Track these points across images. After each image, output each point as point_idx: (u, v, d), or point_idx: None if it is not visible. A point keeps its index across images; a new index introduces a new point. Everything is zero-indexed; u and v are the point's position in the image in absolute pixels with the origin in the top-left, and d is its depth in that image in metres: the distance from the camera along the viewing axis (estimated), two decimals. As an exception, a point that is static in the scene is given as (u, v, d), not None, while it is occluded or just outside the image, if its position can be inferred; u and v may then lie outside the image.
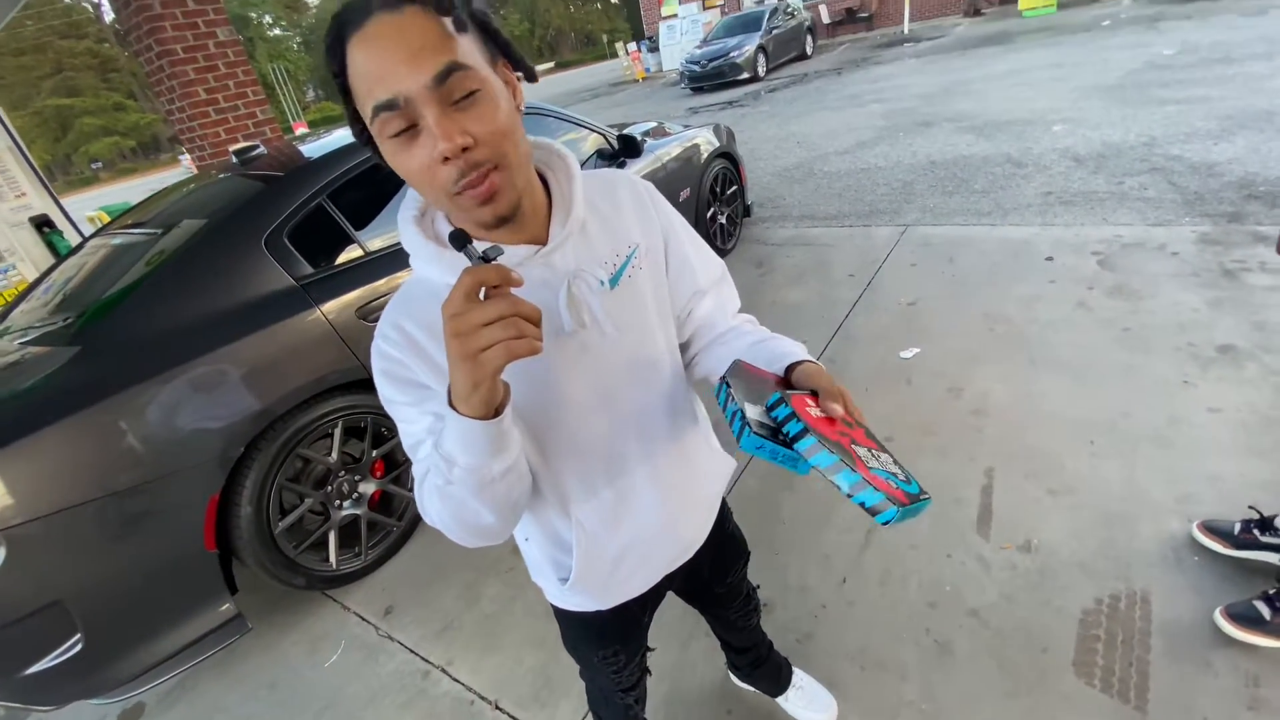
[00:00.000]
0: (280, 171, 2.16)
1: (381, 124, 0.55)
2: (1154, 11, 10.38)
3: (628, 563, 0.87)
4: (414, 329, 0.66)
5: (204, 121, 3.84)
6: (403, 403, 0.68)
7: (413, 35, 0.52)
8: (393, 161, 0.58)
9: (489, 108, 0.56)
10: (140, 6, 3.59)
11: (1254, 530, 1.56)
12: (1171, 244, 3.11)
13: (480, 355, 0.50)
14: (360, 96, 0.55)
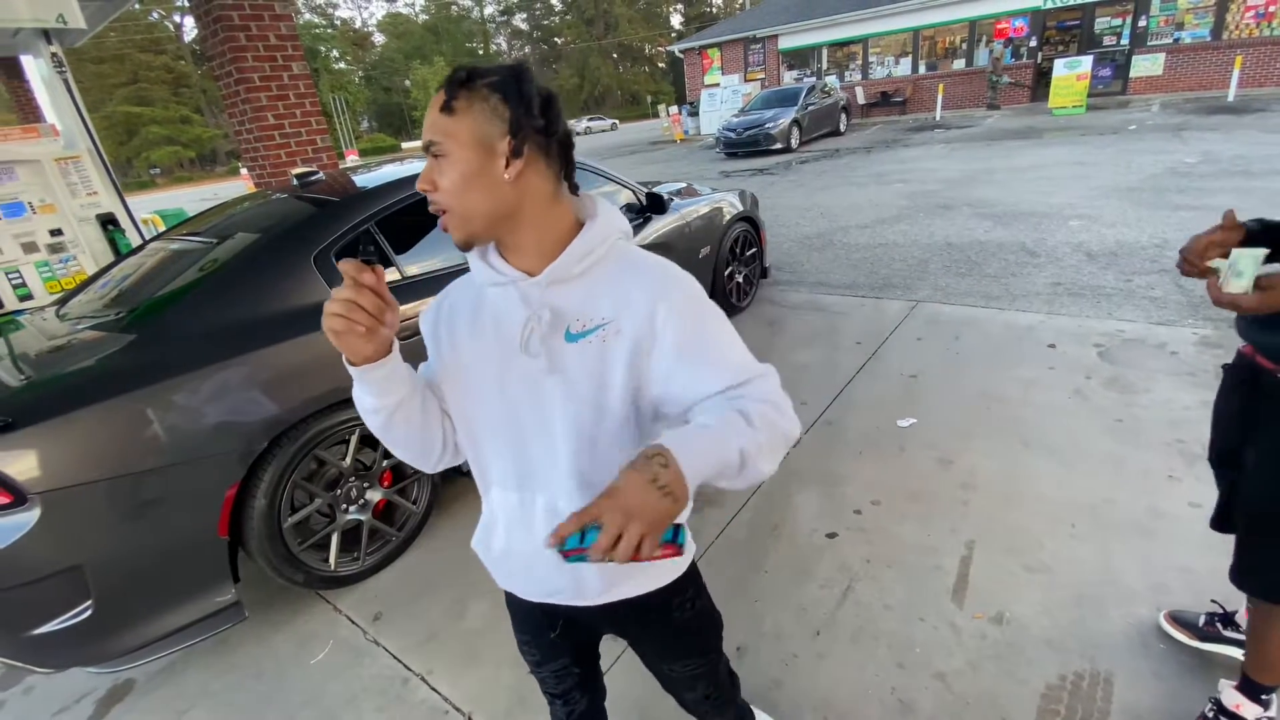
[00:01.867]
0: (336, 197, 2.37)
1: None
2: (1179, 120, 10.71)
3: (512, 562, 0.95)
4: (447, 303, 0.93)
5: (268, 144, 4.15)
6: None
7: (428, 113, 0.78)
8: None
9: (446, 169, 0.77)
10: (227, 35, 3.95)
11: (1217, 624, 1.61)
12: (1172, 343, 3.19)
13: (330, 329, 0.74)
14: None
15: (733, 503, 2.44)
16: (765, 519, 2.34)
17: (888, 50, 18.67)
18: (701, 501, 2.47)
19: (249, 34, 3.99)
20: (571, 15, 60.00)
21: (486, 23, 61.58)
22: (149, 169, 41.31)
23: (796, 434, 0.80)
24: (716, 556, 2.18)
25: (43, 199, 3.60)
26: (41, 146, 3.64)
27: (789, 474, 2.57)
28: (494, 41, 62.48)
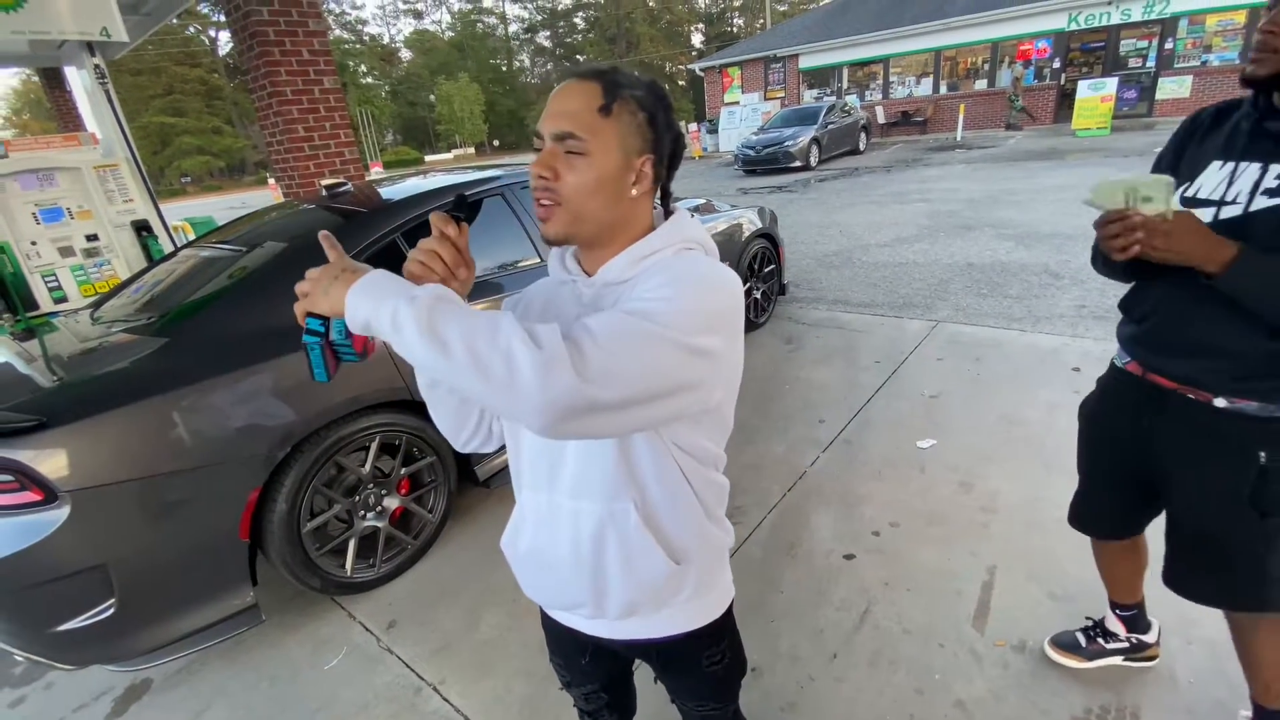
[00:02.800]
0: (364, 208, 2.41)
1: (537, 141, 0.78)
2: (1207, 144, 10.56)
3: (537, 560, 0.91)
4: (527, 297, 0.94)
5: (298, 155, 4.25)
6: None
7: (571, 99, 0.76)
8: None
9: (580, 167, 0.75)
10: (263, 50, 4.07)
11: (1099, 639, 1.64)
12: (1200, 369, 3.13)
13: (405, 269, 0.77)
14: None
15: (749, 520, 2.42)
16: (782, 538, 2.32)
17: (909, 70, 18.70)
18: (717, 518, 2.46)
19: (283, 49, 4.11)
20: (594, 33, 60.93)
21: (510, 40, 62.75)
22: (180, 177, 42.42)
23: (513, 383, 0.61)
24: (732, 575, 2.15)
25: (81, 205, 3.72)
26: (82, 154, 3.76)
27: (807, 493, 2.55)
28: (517, 58, 63.62)
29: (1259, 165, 1.01)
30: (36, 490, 1.56)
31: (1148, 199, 0.98)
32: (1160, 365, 1.21)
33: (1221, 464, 1.15)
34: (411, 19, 61.65)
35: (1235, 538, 1.18)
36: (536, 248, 2.77)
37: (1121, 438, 1.34)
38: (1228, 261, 0.94)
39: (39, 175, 3.61)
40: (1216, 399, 1.13)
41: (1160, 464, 1.27)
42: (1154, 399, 1.23)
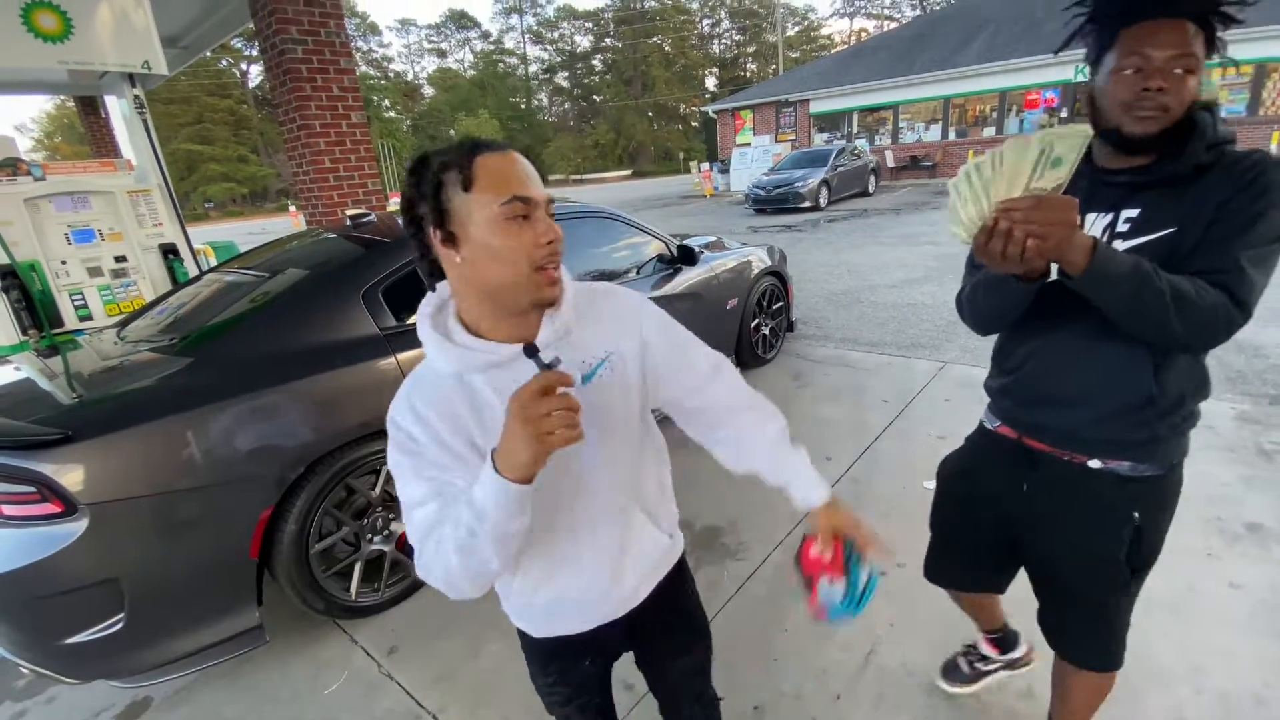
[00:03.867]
0: (387, 238, 2.50)
1: (513, 208, 0.77)
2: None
3: (563, 606, 1.00)
4: (423, 407, 0.83)
5: (323, 185, 4.41)
6: (407, 468, 0.82)
7: (535, 172, 0.82)
8: (504, 235, 0.77)
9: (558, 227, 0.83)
10: (295, 86, 4.25)
11: (976, 664, 1.72)
12: (1209, 417, 3.12)
13: (546, 438, 0.69)
14: (495, 185, 0.77)
15: (754, 557, 2.41)
16: (786, 576, 2.31)
17: (918, 116, 19.10)
18: (722, 554, 2.46)
19: (314, 85, 4.29)
20: (611, 75, 62.79)
21: (530, 79, 64.71)
22: (204, 202, 43.51)
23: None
24: (736, 612, 2.15)
25: (112, 228, 3.85)
26: (116, 179, 3.91)
27: (811, 530, 2.54)
28: (536, 97, 65.49)
29: (1107, 214, 1.05)
30: (57, 502, 1.60)
31: (1058, 161, 0.86)
32: (1033, 420, 1.21)
33: (1097, 525, 1.16)
34: (435, 57, 63.86)
35: (1112, 600, 1.21)
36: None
37: (990, 499, 1.34)
38: (1090, 248, 0.90)
39: (74, 198, 3.75)
40: (1091, 460, 1.14)
41: (1030, 525, 1.28)
42: (1026, 462, 1.24)
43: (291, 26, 4.16)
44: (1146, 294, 0.91)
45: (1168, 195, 1.00)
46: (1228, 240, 0.95)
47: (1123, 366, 1.05)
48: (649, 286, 3.32)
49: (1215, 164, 0.98)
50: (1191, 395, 1.09)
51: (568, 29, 63.81)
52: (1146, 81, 0.95)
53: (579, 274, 3.03)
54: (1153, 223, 1.00)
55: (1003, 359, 1.27)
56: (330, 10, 4.33)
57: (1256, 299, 0.95)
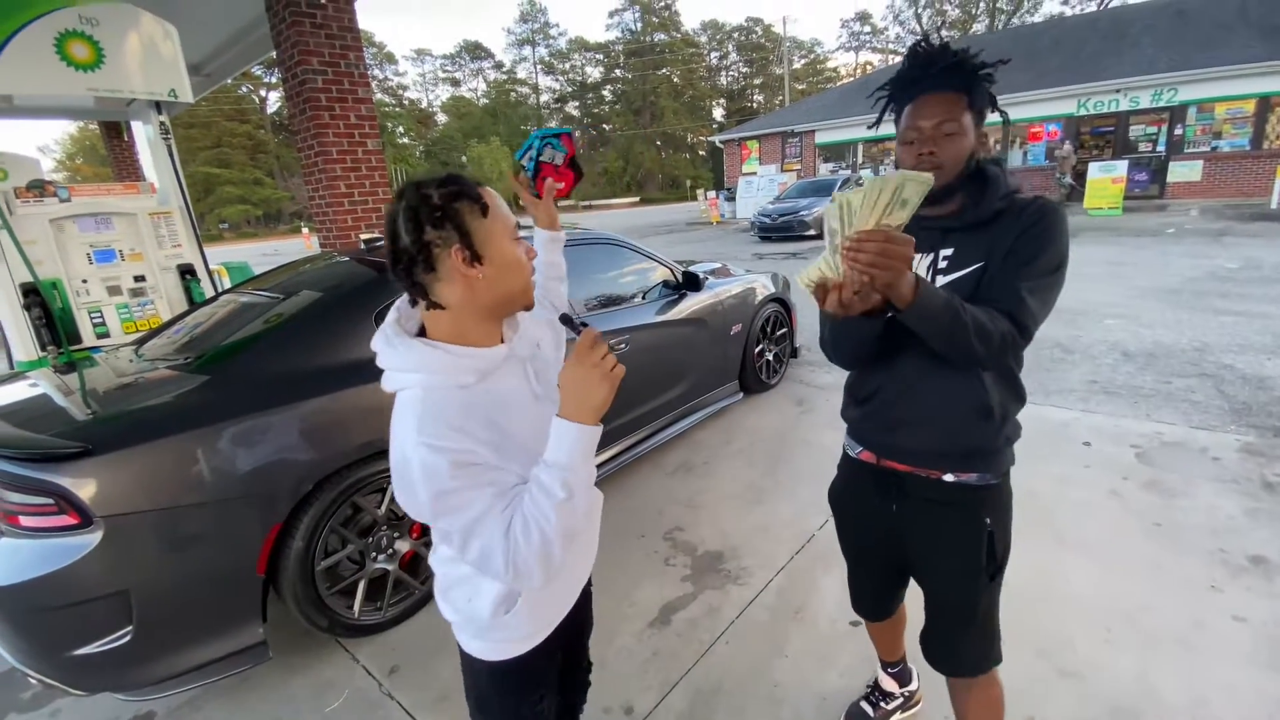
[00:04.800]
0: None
1: (518, 239, 0.97)
2: (1220, 226, 10.73)
3: (567, 585, 1.15)
4: (462, 421, 0.87)
5: (338, 209, 4.52)
6: (464, 485, 0.84)
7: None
8: (516, 249, 0.95)
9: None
10: (314, 114, 4.39)
11: (881, 703, 1.76)
12: (1214, 449, 3.12)
13: (612, 373, 0.87)
14: (503, 212, 0.95)
15: (756, 582, 2.42)
16: (788, 602, 2.31)
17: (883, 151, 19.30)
18: (723, 579, 2.46)
19: (333, 113, 4.43)
20: (620, 105, 64.00)
21: (541, 108, 66.00)
22: (219, 224, 44.27)
23: None
24: (737, 637, 2.15)
25: (133, 248, 3.96)
26: (139, 201, 4.03)
27: (815, 557, 2.54)
28: (547, 125, 66.65)
29: (928, 254, 1.22)
30: (73, 514, 1.64)
31: (905, 203, 0.94)
32: (890, 444, 1.34)
33: (958, 535, 1.29)
34: (449, 86, 65.29)
35: (979, 606, 1.33)
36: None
37: (869, 523, 1.47)
38: (915, 285, 1.01)
39: (97, 219, 3.86)
40: (945, 475, 1.27)
41: (907, 543, 1.39)
42: (892, 483, 1.36)
43: (313, 58, 4.32)
44: (955, 325, 1.05)
45: (973, 236, 1.18)
46: (1013, 275, 1.12)
47: (958, 384, 1.21)
48: (654, 311, 3.38)
49: (1007, 209, 1.16)
50: (1012, 404, 1.25)
51: (579, 60, 65.30)
52: (920, 148, 1.15)
53: (587, 299, 3.09)
54: (964, 260, 1.18)
55: (856, 390, 1.41)
56: (350, 43, 4.49)
57: (1037, 324, 1.13)
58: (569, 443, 0.85)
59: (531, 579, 0.85)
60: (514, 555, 0.84)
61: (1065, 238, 1.15)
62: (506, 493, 0.87)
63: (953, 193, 1.18)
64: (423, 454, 0.83)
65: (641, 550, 2.70)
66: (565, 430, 0.85)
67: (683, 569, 2.55)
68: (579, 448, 0.85)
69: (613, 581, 2.49)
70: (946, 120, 1.12)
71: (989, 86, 1.16)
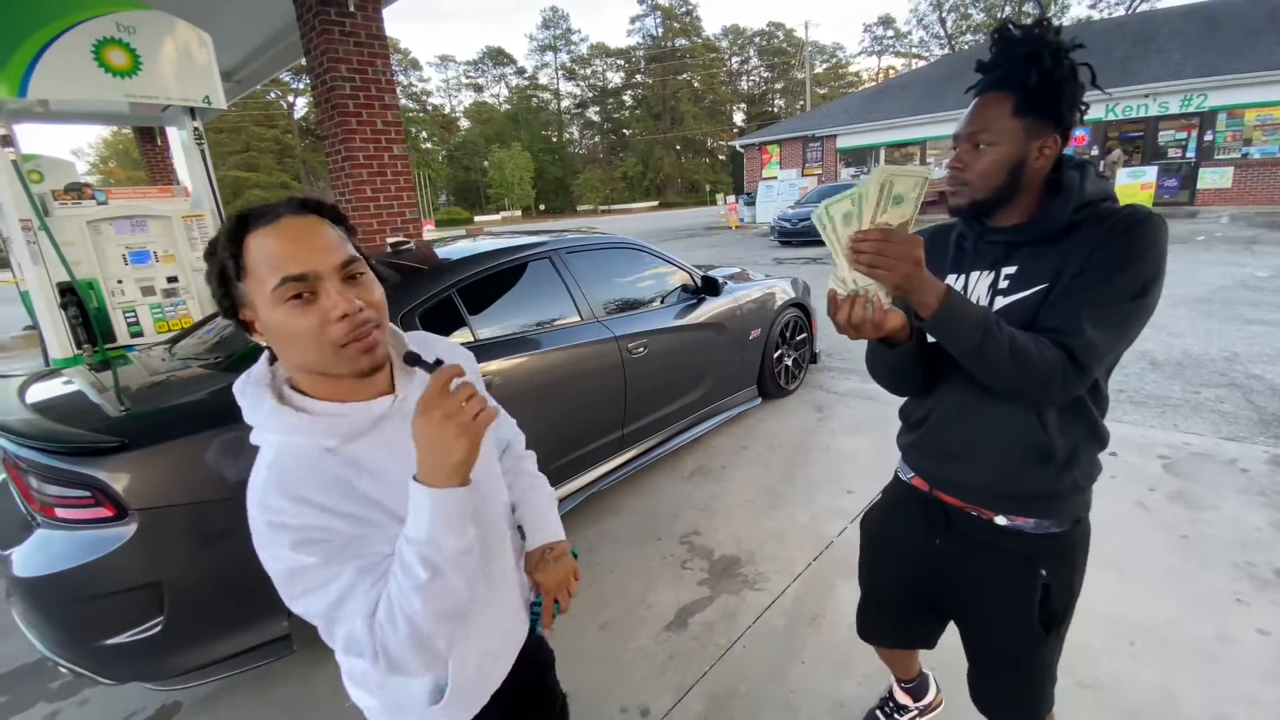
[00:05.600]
0: (425, 265, 2.62)
1: (286, 290, 0.71)
2: (1251, 234, 10.48)
3: (490, 653, 0.97)
4: (309, 492, 0.73)
5: (363, 213, 4.61)
6: (318, 562, 0.71)
7: (321, 234, 0.75)
8: (285, 321, 0.72)
9: (373, 285, 0.79)
10: (341, 120, 4.49)
11: (896, 715, 1.73)
12: (1243, 460, 3.06)
13: (473, 424, 0.69)
14: (266, 267, 0.71)
15: (772, 588, 2.42)
16: (805, 608, 2.31)
17: (946, 152, 19.13)
18: (740, 584, 2.46)
19: (360, 119, 4.53)
20: (641, 110, 64.26)
21: (562, 114, 66.53)
22: (246, 227, 45.24)
23: None
24: (753, 642, 2.15)
25: (166, 250, 4.07)
26: (173, 205, 4.15)
27: (832, 564, 2.54)
28: (567, 130, 67.22)
29: (989, 272, 1.09)
30: (110, 506, 1.70)
31: (900, 199, 0.88)
32: (941, 474, 1.22)
33: (1008, 582, 1.16)
34: (472, 92, 66.12)
35: (1027, 658, 1.19)
36: (578, 309, 2.93)
37: (910, 554, 1.32)
38: (944, 294, 0.93)
39: (133, 221, 3.98)
40: (997, 517, 1.14)
41: (948, 582, 1.27)
42: (940, 516, 1.24)
43: (341, 65, 4.42)
44: (989, 344, 0.93)
45: (1041, 252, 1.03)
46: (1078, 297, 0.97)
47: (1009, 420, 1.07)
48: (673, 316, 3.40)
49: (1088, 220, 1.01)
50: (1085, 445, 1.09)
51: (600, 66, 65.76)
52: (954, 160, 1.06)
53: (605, 302, 3.12)
54: (1027, 279, 1.04)
55: (907, 414, 1.30)
56: (378, 50, 4.58)
57: (1098, 361, 0.96)
58: (426, 513, 0.69)
59: (408, 669, 0.74)
60: (383, 644, 0.71)
61: (1157, 254, 0.97)
62: (375, 567, 0.73)
63: (996, 205, 1.05)
64: (261, 529, 0.72)
65: (658, 553, 2.71)
66: (420, 498, 0.70)
67: (699, 573, 2.56)
68: (439, 517, 0.69)
69: (630, 583, 2.51)
70: (980, 130, 1.01)
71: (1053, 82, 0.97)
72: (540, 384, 2.66)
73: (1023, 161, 1.01)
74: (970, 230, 1.15)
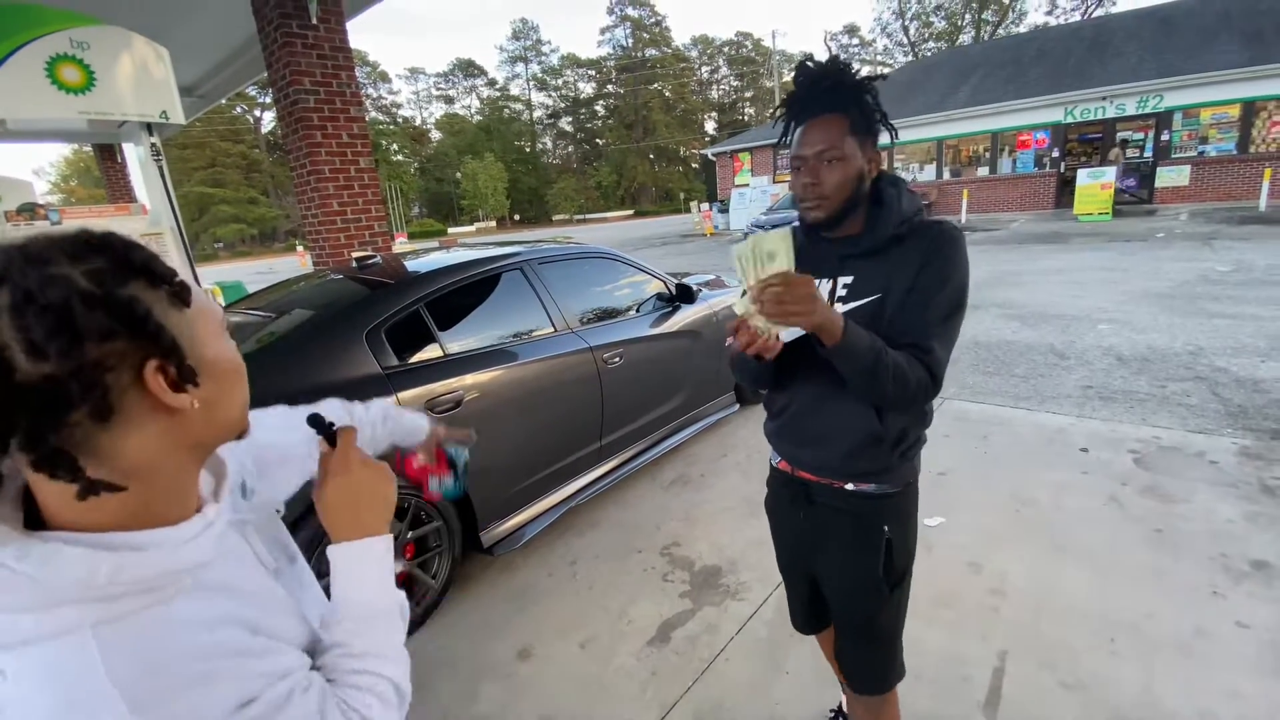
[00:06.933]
0: (391, 280, 2.56)
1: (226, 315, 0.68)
2: (1210, 230, 10.82)
3: None
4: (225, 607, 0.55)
5: (330, 228, 4.52)
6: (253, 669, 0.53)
7: None
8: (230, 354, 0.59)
9: None
10: (306, 134, 4.40)
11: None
12: (1211, 453, 3.12)
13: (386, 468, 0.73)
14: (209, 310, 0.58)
15: (754, 597, 2.39)
16: (787, 618, 2.27)
17: (913, 157, 19.51)
18: (722, 594, 2.43)
19: (325, 133, 4.44)
20: (613, 119, 64.53)
21: (535, 124, 66.50)
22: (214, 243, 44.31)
23: None
24: (737, 654, 2.12)
25: (124, 270, 3.93)
26: (130, 223, 4.02)
27: (812, 569, 2.52)
28: (540, 140, 67.20)
29: (828, 281, 1.22)
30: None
31: (772, 255, 1.01)
32: (800, 457, 1.35)
33: (859, 543, 1.29)
34: (443, 104, 65.79)
35: (878, 621, 1.33)
36: (551, 320, 2.89)
37: (791, 532, 1.47)
38: (844, 325, 1.03)
39: (88, 242, 3.84)
40: (846, 484, 1.28)
41: (815, 551, 1.38)
42: (804, 492, 1.36)
43: (305, 78, 4.33)
44: (878, 367, 1.07)
45: (871, 264, 1.18)
46: (918, 315, 1.13)
47: (852, 412, 1.21)
48: (648, 324, 3.37)
49: (909, 234, 1.15)
50: (913, 427, 1.25)
51: (571, 76, 65.90)
52: (805, 176, 1.13)
53: (580, 314, 3.08)
54: (862, 289, 1.18)
55: (770, 405, 1.42)
56: (342, 63, 4.51)
57: (944, 369, 1.14)
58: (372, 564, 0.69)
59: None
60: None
61: (965, 268, 1.15)
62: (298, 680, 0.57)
63: (845, 216, 1.16)
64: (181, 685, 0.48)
65: (639, 566, 2.67)
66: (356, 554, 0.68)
67: (681, 585, 2.52)
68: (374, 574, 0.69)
69: (610, 598, 2.46)
70: (829, 148, 1.10)
71: (872, 104, 1.13)
72: (515, 398, 2.61)
73: (862, 175, 1.14)
74: (809, 242, 1.27)
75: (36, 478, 0.48)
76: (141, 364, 0.49)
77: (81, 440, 0.47)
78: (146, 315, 0.49)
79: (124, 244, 0.51)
